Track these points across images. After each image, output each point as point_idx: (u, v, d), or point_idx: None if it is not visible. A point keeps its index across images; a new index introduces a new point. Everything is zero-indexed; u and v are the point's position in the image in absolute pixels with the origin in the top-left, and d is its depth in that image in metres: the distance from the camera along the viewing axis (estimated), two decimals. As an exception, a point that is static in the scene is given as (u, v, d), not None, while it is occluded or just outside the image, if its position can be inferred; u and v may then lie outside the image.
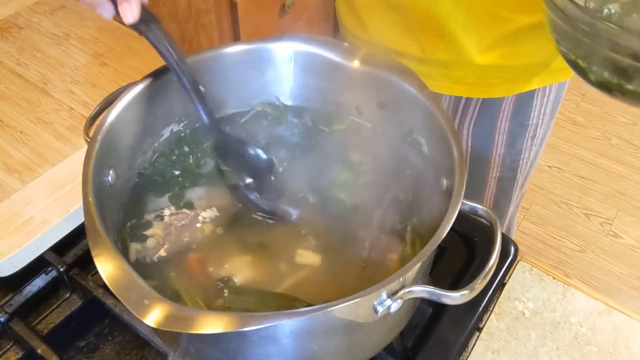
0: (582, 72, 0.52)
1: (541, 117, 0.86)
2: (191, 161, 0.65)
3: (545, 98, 0.84)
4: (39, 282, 0.65)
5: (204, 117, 0.59)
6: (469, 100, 0.85)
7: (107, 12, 0.53)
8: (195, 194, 0.62)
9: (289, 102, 0.69)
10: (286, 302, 0.53)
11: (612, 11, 0.49)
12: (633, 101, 0.51)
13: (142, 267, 0.56)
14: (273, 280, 0.56)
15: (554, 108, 0.88)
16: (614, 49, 0.47)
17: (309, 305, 0.52)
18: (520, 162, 0.91)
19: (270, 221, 0.60)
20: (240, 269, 0.56)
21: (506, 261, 0.68)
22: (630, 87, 0.49)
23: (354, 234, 0.59)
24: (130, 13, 0.52)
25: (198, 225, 0.59)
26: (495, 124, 0.86)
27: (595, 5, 0.49)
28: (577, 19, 0.47)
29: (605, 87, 0.51)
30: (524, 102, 0.83)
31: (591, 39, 0.48)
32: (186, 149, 0.65)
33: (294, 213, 0.61)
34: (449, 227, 0.47)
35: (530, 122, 0.86)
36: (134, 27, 0.53)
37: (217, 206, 0.61)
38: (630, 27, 0.47)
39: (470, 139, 0.88)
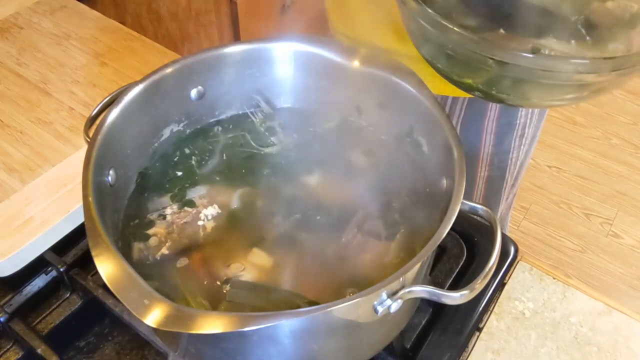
0: (416, 47, 0.57)
1: (529, 116, 0.86)
2: (192, 161, 0.65)
3: None
4: (39, 282, 0.65)
5: None
6: (455, 99, 0.85)
7: None
8: (196, 192, 0.62)
9: (288, 102, 0.69)
10: (287, 298, 0.53)
11: None
12: (450, 81, 0.53)
13: (145, 266, 0.56)
14: (275, 277, 0.56)
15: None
16: (423, 30, 0.50)
17: (310, 302, 0.52)
18: (509, 161, 0.91)
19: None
20: (242, 265, 0.56)
21: (506, 261, 0.68)
22: (439, 66, 0.53)
23: (354, 233, 0.59)
24: None
25: (200, 223, 0.59)
26: (482, 123, 0.86)
27: None
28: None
29: (431, 65, 0.55)
30: None
31: (411, 18, 0.52)
32: (187, 150, 0.65)
33: None
34: (449, 227, 0.47)
35: (518, 122, 0.86)
36: None
37: (219, 203, 0.61)
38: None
39: None
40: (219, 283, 0.55)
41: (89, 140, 0.54)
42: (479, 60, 0.48)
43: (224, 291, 0.54)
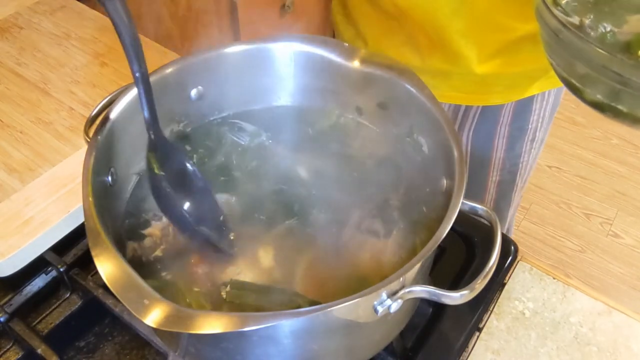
0: (575, 90, 0.52)
1: (540, 120, 0.86)
2: (193, 161, 0.64)
3: (545, 102, 0.84)
4: (39, 282, 0.65)
5: (145, 109, 0.53)
6: (469, 107, 0.85)
7: None
8: None
9: (288, 102, 0.69)
10: (288, 298, 0.53)
11: (607, 29, 0.49)
12: (625, 121, 0.51)
13: (137, 267, 0.55)
14: (275, 277, 0.55)
15: (552, 111, 0.88)
16: (605, 74, 0.47)
17: (310, 302, 0.52)
18: (520, 165, 0.91)
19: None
20: (239, 269, 0.56)
21: (506, 261, 0.68)
22: (623, 109, 0.50)
23: (354, 234, 0.59)
24: None
25: None
26: (495, 128, 0.86)
27: (590, 23, 0.49)
28: (570, 43, 0.48)
29: (598, 107, 0.52)
30: (524, 107, 0.83)
31: (583, 62, 0.48)
32: (188, 147, 0.65)
33: (234, 248, 0.56)
34: (449, 227, 0.47)
35: (530, 126, 0.86)
36: None
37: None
38: (620, 52, 0.47)
39: (470, 144, 0.88)
40: (209, 285, 0.54)
41: (89, 140, 0.54)
42: None
43: (223, 293, 0.54)
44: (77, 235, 0.69)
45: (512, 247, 0.69)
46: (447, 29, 0.72)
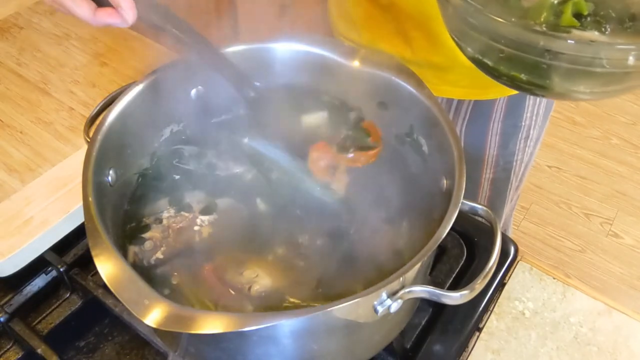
0: (458, 47, 0.54)
1: (534, 118, 0.86)
2: (192, 165, 0.64)
3: (538, 99, 0.84)
4: (39, 282, 0.65)
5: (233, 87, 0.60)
6: (461, 101, 0.85)
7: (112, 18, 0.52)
8: (194, 197, 0.62)
9: (288, 102, 0.69)
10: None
11: None
12: (500, 80, 0.53)
13: (138, 270, 0.55)
14: (272, 286, 0.55)
15: (547, 109, 0.88)
16: (471, 27, 0.49)
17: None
18: (514, 163, 0.91)
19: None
20: (238, 273, 0.56)
21: (506, 261, 0.68)
22: (489, 62, 0.51)
23: (353, 234, 0.59)
24: (127, 15, 0.51)
25: (196, 228, 0.59)
26: (487, 125, 0.86)
27: None
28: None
29: (475, 62, 0.53)
30: (517, 103, 0.83)
31: (458, 18, 0.50)
32: (186, 153, 0.65)
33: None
34: (449, 227, 0.47)
35: (523, 124, 0.86)
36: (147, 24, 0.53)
37: (216, 209, 0.61)
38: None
39: (463, 140, 0.88)
40: (209, 287, 0.54)
41: (89, 140, 0.54)
42: (534, 53, 0.47)
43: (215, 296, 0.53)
44: (77, 235, 0.69)
45: (512, 247, 0.69)
46: (436, 20, 0.72)
